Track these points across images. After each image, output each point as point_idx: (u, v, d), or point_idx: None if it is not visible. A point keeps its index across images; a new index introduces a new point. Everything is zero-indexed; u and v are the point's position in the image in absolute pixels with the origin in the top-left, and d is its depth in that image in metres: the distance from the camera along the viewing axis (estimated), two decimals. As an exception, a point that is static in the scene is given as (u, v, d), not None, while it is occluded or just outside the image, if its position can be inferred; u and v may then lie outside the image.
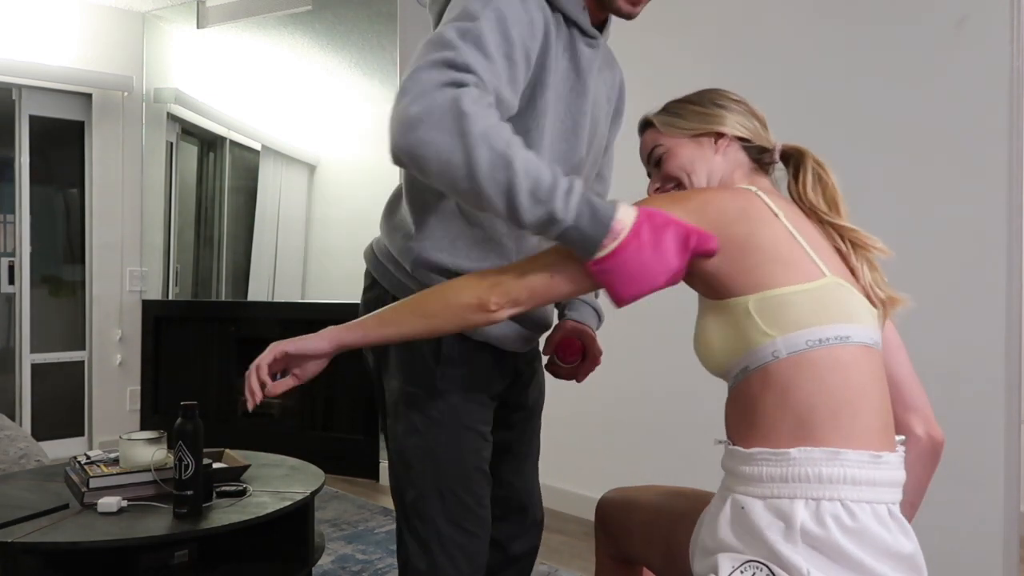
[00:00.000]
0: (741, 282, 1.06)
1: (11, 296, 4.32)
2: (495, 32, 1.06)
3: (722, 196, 1.14)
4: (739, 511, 1.03)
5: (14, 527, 1.65)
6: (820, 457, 1.00)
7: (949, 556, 2.19)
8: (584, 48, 1.26)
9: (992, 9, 2.21)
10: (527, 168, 0.98)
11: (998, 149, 2.20)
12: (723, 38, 2.80)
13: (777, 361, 1.03)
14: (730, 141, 1.24)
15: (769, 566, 0.98)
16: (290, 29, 4.59)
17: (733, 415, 1.12)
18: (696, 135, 1.25)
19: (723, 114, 1.25)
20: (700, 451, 1.77)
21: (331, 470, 2.91)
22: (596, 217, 1.01)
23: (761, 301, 1.05)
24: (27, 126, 4.29)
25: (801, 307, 1.04)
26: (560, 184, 1.00)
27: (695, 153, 1.24)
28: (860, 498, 0.99)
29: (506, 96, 1.09)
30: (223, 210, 5.18)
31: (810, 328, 1.03)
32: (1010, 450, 2.21)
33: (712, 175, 1.23)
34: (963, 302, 2.25)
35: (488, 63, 1.05)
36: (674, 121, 1.27)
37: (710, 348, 1.11)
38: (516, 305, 1.11)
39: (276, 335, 4.00)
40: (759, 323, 1.04)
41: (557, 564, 2.79)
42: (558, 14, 1.20)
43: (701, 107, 1.26)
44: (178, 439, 1.71)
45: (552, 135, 1.24)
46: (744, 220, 1.09)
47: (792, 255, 1.07)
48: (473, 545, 1.31)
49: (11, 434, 2.65)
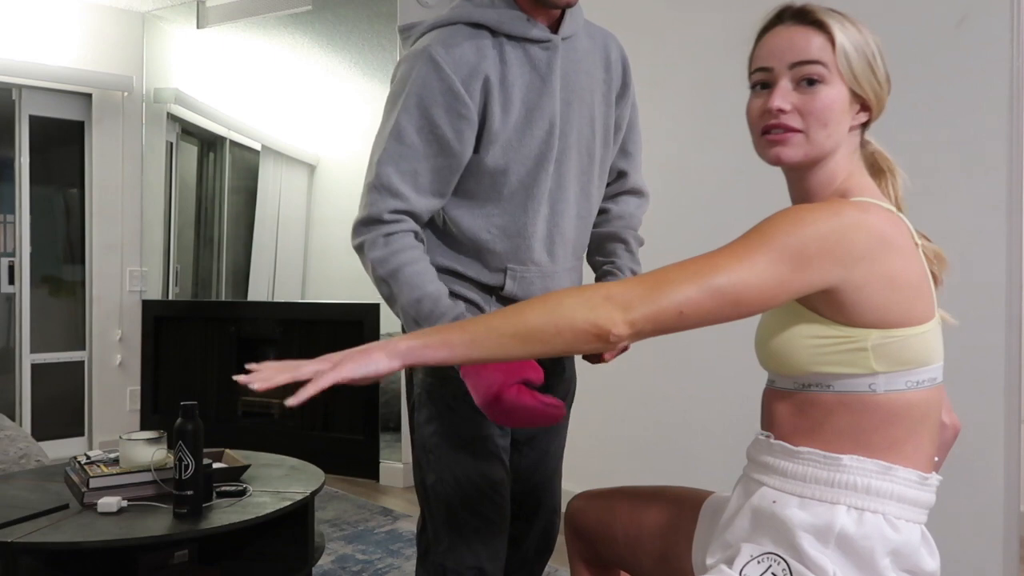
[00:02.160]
0: (874, 317, 0.98)
1: (11, 296, 4.32)
2: (413, 119, 1.29)
3: (876, 220, 1.00)
4: (769, 504, 1.02)
5: (14, 527, 1.65)
6: (872, 469, 0.99)
7: (949, 556, 2.19)
8: (539, 54, 1.34)
9: (992, 9, 2.21)
10: (408, 301, 1.29)
11: (998, 149, 2.20)
12: (722, 35, 2.80)
13: (871, 394, 1.00)
14: (864, 115, 1.09)
15: (787, 560, 0.97)
16: (290, 29, 4.58)
17: (786, 414, 1.06)
18: (855, 91, 1.05)
19: (882, 84, 1.08)
20: (700, 451, 1.77)
21: (331, 470, 2.91)
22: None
23: (884, 338, 0.98)
24: (27, 126, 4.29)
25: (915, 348, 1.00)
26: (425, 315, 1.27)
27: (842, 112, 1.05)
28: (902, 515, 0.99)
29: (429, 168, 1.31)
30: (223, 210, 5.18)
31: (915, 369, 1.01)
32: (1010, 450, 2.21)
33: (838, 143, 1.06)
34: (963, 302, 2.25)
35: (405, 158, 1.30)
36: (852, 55, 1.04)
37: (793, 355, 1.03)
38: (643, 334, 0.95)
39: (276, 335, 4.03)
40: (871, 358, 0.99)
41: (557, 564, 2.79)
42: (501, 37, 1.32)
43: (876, 61, 1.07)
44: (178, 439, 1.71)
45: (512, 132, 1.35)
46: (893, 251, 0.99)
47: (920, 292, 1.02)
48: (489, 530, 1.37)
49: (11, 434, 2.65)
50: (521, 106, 1.32)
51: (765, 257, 0.95)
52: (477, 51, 1.29)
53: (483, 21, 1.30)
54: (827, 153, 1.06)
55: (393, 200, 1.30)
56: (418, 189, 1.30)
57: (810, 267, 0.95)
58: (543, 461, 1.57)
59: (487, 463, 1.38)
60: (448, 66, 1.27)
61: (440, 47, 1.28)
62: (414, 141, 1.29)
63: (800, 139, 1.05)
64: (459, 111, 1.28)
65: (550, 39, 1.34)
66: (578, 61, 1.39)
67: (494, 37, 1.31)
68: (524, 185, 1.35)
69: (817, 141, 1.04)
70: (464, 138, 1.30)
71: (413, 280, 1.28)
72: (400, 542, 2.94)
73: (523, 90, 1.32)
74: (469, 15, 1.31)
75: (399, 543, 2.93)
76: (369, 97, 5.25)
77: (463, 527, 1.36)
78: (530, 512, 1.56)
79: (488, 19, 1.30)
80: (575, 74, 1.39)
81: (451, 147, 1.29)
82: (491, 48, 1.30)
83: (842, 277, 0.96)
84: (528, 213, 1.36)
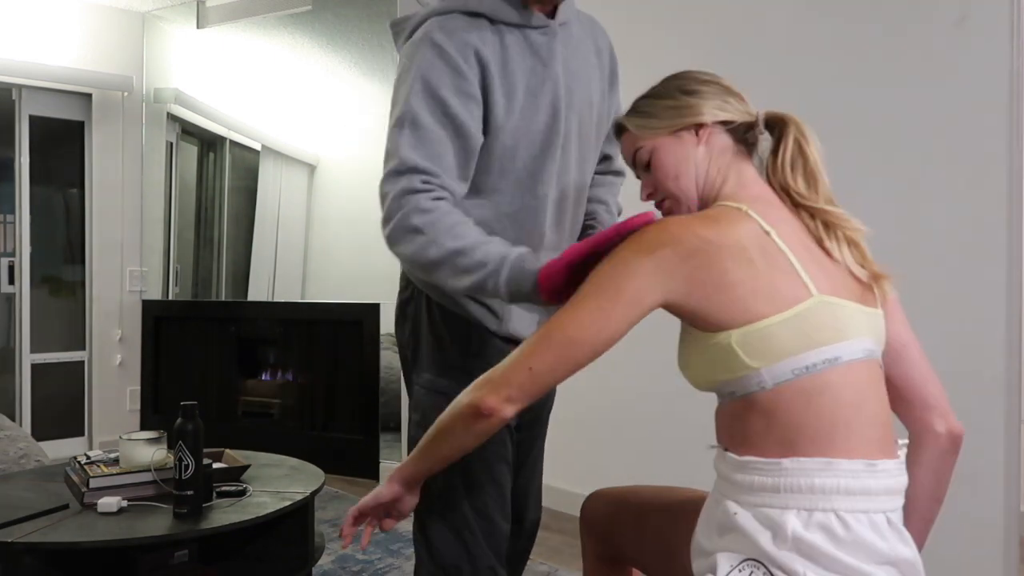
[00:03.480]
0: (722, 318, 1.02)
1: (11, 296, 4.32)
2: (424, 103, 1.25)
3: (687, 231, 1.06)
4: (731, 517, 1.03)
5: (14, 527, 1.65)
6: (813, 467, 0.98)
7: (949, 556, 2.19)
8: (538, 39, 1.34)
9: (992, 9, 2.21)
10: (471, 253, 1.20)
11: (998, 149, 2.20)
12: (721, 37, 2.80)
13: (764, 391, 1.02)
14: (711, 128, 1.18)
15: (766, 565, 0.98)
16: (290, 29, 4.58)
17: (723, 425, 1.10)
18: (675, 131, 1.18)
19: (696, 103, 1.18)
20: (699, 451, 1.77)
21: (331, 470, 2.91)
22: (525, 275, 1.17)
23: (744, 335, 1.01)
24: (27, 126, 4.29)
25: (785, 336, 1.00)
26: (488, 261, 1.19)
27: (678, 152, 1.18)
28: (854, 508, 0.98)
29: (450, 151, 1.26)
30: (223, 210, 5.18)
31: (796, 356, 1.00)
32: (1010, 450, 2.21)
33: (699, 170, 1.17)
34: (963, 302, 2.25)
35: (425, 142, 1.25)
36: (647, 122, 1.20)
37: (693, 371, 1.10)
38: (515, 400, 1.07)
39: (276, 335, 4.03)
40: (742, 357, 1.01)
41: (557, 564, 2.79)
42: (499, 24, 1.31)
43: (672, 100, 1.19)
44: (178, 439, 1.71)
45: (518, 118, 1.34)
46: (717, 255, 1.03)
47: (776, 280, 1.03)
48: (497, 534, 1.37)
49: (11, 434, 2.65)
50: (525, 91, 1.31)
51: (586, 299, 1.05)
52: (477, 36, 1.28)
53: (479, 10, 1.29)
54: (698, 189, 1.18)
55: (421, 175, 1.24)
56: (444, 169, 1.26)
57: (625, 292, 1.03)
58: (530, 464, 1.56)
59: (497, 467, 1.37)
60: (450, 48, 1.26)
61: (440, 32, 1.27)
62: (430, 124, 1.25)
63: (670, 204, 1.21)
64: (467, 91, 1.26)
65: (548, 24, 1.34)
66: (575, 48, 1.39)
67: (492, 25, 1.30)
68: (531, 171, 1.34)
69: (680, 192, 1.19)
70: (475, 117, 1.27)
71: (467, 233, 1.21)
72: (400, 542, 2.94)
73: (525, 75, 1.31)
74: (465, 4, 1.30)
75: (399, 543, 2.93)
76: (369, 97, 5.25)
77: (475, 531, 1.34)
78: (519, 514, 1.54)
79: (484, 7, 1.29)
80: (574, 60, 1.39)
81: (465, 127, 1.26)
82: (490, 35, 1.29)
83: (662, 290, 1.03)
84: (538, 198, 1.36)
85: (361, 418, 3.99)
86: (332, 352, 4.19)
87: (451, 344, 1.37)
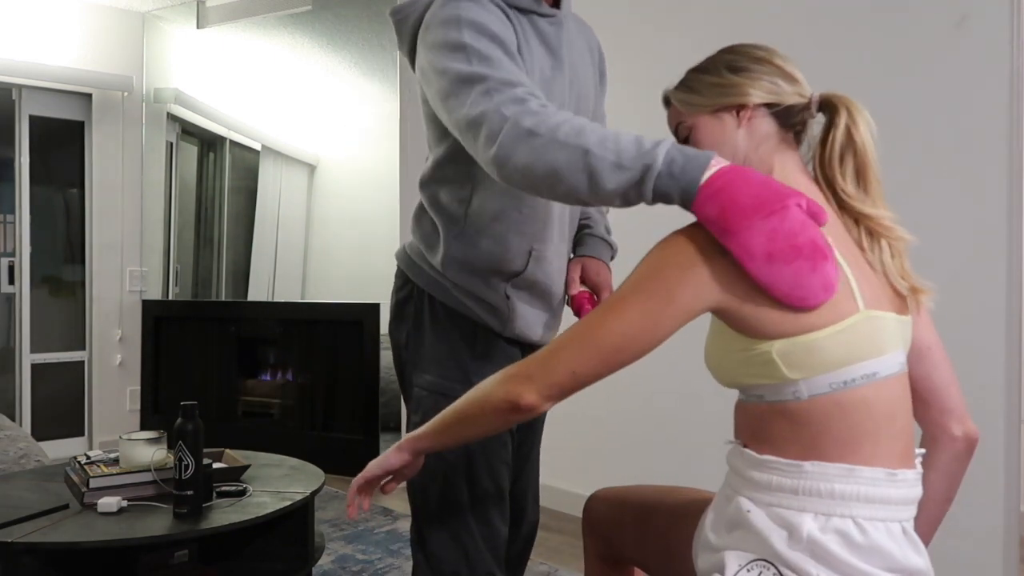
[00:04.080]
0: (769, 328, 0.97)
1: (11, 296, 4.32)
2: (483, 42, 1.14)
3: None
4: (744, 514, 1.02)
5: (14, 527, 1.65)
6: (834, 473, 0.97)
7: (949, 556, 2.19)
8: (547, 27, 1.30)
9: (992, 9, 2.21)
10: (603, 144, 1.01)
11: (998, 149, 2.20)
12: (720, 37, 2.80)
13: (797, 402, 0.99)
14: (754, 110, 1.11)
15: (776, 566, 0.98)
16: (290, 29, 4.59)
17: (744, 423, 1.08)
18: (715, 110, 1.13)
19: (741, 82, 1.11)
20: (701, 451, 1.77)
21: (331, 470, 2.91)
22: (689, 156, 0.98)
23: (788, 346, 0.97)
24: (27, 126, 4.29)
25: (829, 350, 0.97)
26: (642, 143, 1.00)
27: (716, 132, 1.13)
28: (873, 516, 0.97)
29: (524, 80, 1.13)
30: (223, 210, 5.18)
31: (836, 371, 0.97)
32: (1010, 450, 2.21)
33: (737, 155, 1.11)
34: (963, 302, 2.25)
35: (505, 69, 1.12)
36: (690, 98, 1.15)
37: (723, 371, 1.06)
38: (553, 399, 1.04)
39: (276, 335, 4.03)
40: (782, 368, 0.98)
41: (557, 564, 2.79)
42: (513, 9, 1.25)
43: (717, 76, 1.13)
44: (178, 439, 1.71)
45: None
46: None
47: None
48: (496, 538, 1.34)
49: (11, 434, 2.65)
50: (539, 78, 1.27)
51: (633, 302, 1.00)
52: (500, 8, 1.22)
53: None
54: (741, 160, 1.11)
55: (517, 87, 1.09)
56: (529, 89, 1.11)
57: (678, 298, 0.98)
58: (528, 465, 1.55)
59: (498, 470, 1.35)
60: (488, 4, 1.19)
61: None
62: (499, 56, 1.13)
63: None
64: (515, 41, 1.20)
65: (555, 13, 1.31)
66: (572, 40, 1.37)
67: (509, 8, 1.24)
68: None
69: None
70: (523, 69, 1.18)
71: (598, 128, 1.03)
72: (400, 542, 2.94)
73: (539, 61, 1.27)
74: None
75: (399, 543, 2.93)
76: (369, 97, 5.26)
77: (475, 535, 1.32)
78: (518, 515, 1.53)
79: None
80: (572, 52, 1.36)
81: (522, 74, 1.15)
82: (507, 18, 1.23)
83: (718, 298, 0.98)
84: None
85: (361, 418, 4.00)
86: (332, 352, 4.19)
87: (456, 345, 1.34)
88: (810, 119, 1.13)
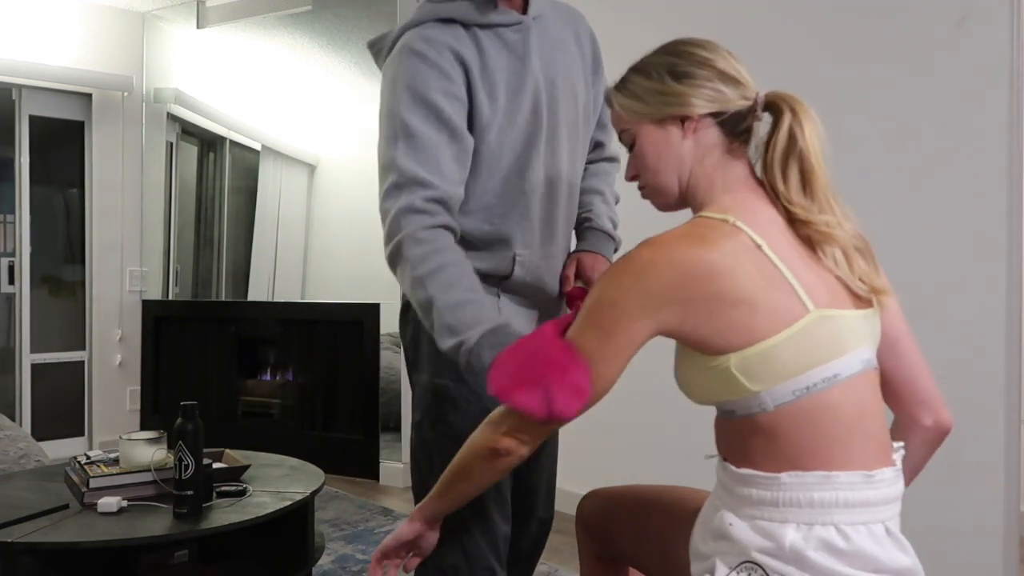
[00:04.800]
0: (719, 342, 0.98)
1: (11, 296, 4.32)
2: (415, 111, 1.26)
3: (676, 253, 0.99)
4: (727, 527, 1.02)
5: (14, 527, 1.65)
6: (812, 481, 0.97)
7: (949, 556, 2.19)
8: (513, 36, 1.35)
9: (992, 9, 2.21)
10: (448, 305, 1.20)
11: (998, 149, 2.20)
12: (719, 37, 2.80)
13: (764, 413, 0.99)
14: (699, 121, 1.08)
15: (764, 568, 0.98)
16: (290, 29, 4.58)
17: (722, 438, 1.09)
18: (659, 120, 1.10)
19: (684, 91, 1.07)
20: (700, 451, 1.77)
21: (331, 470, 2.90)
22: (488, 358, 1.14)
23: (743, 359, 0.97)
24: (27, 126, 4.29)
25: (785, 357, 0.97)
26: (471, 321, 1.18)
27: (661, 143, 1.10)
28: (854, 520, 0.97)
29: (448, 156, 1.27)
30: (223, 210, 5.18)
31: (796, 377, 0.97)
32: (1010, 450, 2.21)
33: (682, 167, 1.10)
34: (963, 302, 2.25)
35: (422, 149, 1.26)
36: (633, 105, 1.11)
37: (692, 391, 1.07)
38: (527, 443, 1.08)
39: (276, 335, 4.03)
40: (742, 381, 0.98)
41: (557, 564, 2.79)
42: (473, 27, 1.32)
43: (660, 83, 1.09)
44: (178, 439, 1.71)
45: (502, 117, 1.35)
46: (711, 277, 0.97)
47: (772, 297, 0.98)
48: (495, 533, 1.37)
49: (11, 434, 2.65)
50: (506, 90, 1.33)
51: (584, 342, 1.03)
52: (455, 39, 1.30)
53: (451, 15, 1.31)
54: (680, 184, 1.11)
55: (423, 189, 1.24)
56: (443, 177, 1.26)
57: (617, 332, 1.01)
58: (538, 463, 1.56)
59: None
60: (431, 53, 1.28)
61: (418, 40, 1.29)
62: (424, 131, 1.26)
63: (650, 192, 1.16)
64: (454, 92, 1.28)
65: (520, 20, 1.36)
66: (553, 39, 1.41)
67: (466, 29, 1.31)
68: (518, 168, 1.35)
69: (659, 185, 1.13)
70: (463, 118, 1.30)
71: (455, 281, 1.21)
72: (400, 542, 2.94)
73: (505, 74, 1.33)
74: (436, 12, 1.32)
75: (399, 543, 2.93)
76: (369, 97, 5.23)
77: (474, 531, 1.34)
78: (527, 513, 1.55)
79: (455, 12, 1.31)
80: (553, 52, 1.40)
81: (458, 130, 1.28)
82: (466, 38, 1.31)
83: (657, 323, 0.99)
84: (526, 194, 1.36)
85: (361, 418, 3.99)
86: (332, 352, 4.19)
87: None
88: (757, 120, 1.10)
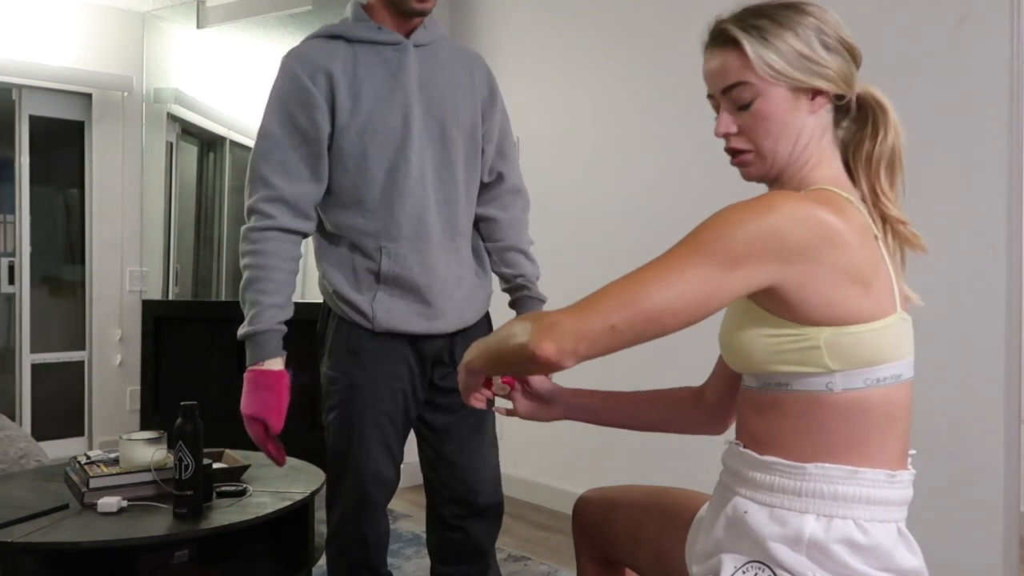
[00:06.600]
0: (822, 313, 0.94)
1: (11, 296, 4.32)
2: (275, 117, 1.58)
3: (818, 213, 0.94)
4: (741, 515, 1.02)
5: (14, 527, 1.65)
6: (837, 475, 0.98)
7: (949, 556, 2.19)
8: (392, 54, 1.60)
9: (992, 9, 2.21)
10: (247, 296, 1.60)
11: (998, 149, 2.20)
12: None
13: (829, 393, 0.97)
14: (826, 99, 1.04)
15: (772, 568, 0.98)
16: (290, 29, 4.58)
17: (750, 418, 1.07)
18: (795, 87, 1.02)
19: (829, 64, 1.02)
20: (699, 450, 1.77)
21: (331, 470, 2.90)
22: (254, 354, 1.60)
23: (835, 336, 0.95)
24: (27, 126, 4.29)
25: (874, 345, 0.96)
26: (254, 314, 1.59)
27: (788, 111, 1.02)
28: (873, 517, 0.98)
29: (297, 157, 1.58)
30: (223, 210, 5.18)
31: (872, 367, 0.97)
32: (1010, 450, 2.21)
33: (799, 140, 1.03)
34: (963, 302, 2.25)
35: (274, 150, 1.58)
36: (776, 62, 1.01)
37: (748, 355, 1.01)
38: (579, 356, 0.94)
39: (276, 335, 3.71)
40: (825, 355, 0.95)
41: (557, 564, 2.79)
42: (355, 43, 1.59)
43: (810, 50, 1.01)
44: (178, 439, 1.71)
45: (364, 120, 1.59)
46: (845, 248, 0.94)
47: (876, 286, 0.96)
48: (375, 510, 1.64)
49: (11, 434, 2.65)
50: (374, 97, 1.57)
51: (693, 265, 0.93)
52: (326, 54, 1.57)
53: (337, 32, 1.60)
54: (787, 158, 1.04)
55: (265, 190, 1.57)
56: (288, 176, 1.57)
57: (741, 268, 0.92)
58: (466, 448, 1.70)
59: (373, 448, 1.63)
60: (297, 67, 1.57)
61: (292, 57, 1.60)
62: (278, 135, 1.57)
63: (752, 158, 1.06)
64: (310, 102, 1.55)
65: (400, 41, 1.60)
66: (439, 65, 1.64)
67: (349, 44, 1.59)
68: (388, 170, 1.57)
69: (769, 153, 1.04)
70: (318, 124, 1.56)
71: (261, 286, 1.57)
72: (400, 542, 2.94)
73: (375, 84, 1.57)
74: (327, 30, 1.61)
75: (399, 543, 2.93)
76: (369, 97, 5.24)
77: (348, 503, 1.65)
78: (464, 497, 1.69)
79: (341, 30, 1.60)
80: (434, 75, 1.63)
81: (308, 134, 1.56)
82: (344, 51, 1.58)
83: (780, 275, 0.93)
84: (394, 194, 1.58)
85: (361, 418, 3.99)
86: (332, 352, 4.18)
87: (335, 340, 1.68)
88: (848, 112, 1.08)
